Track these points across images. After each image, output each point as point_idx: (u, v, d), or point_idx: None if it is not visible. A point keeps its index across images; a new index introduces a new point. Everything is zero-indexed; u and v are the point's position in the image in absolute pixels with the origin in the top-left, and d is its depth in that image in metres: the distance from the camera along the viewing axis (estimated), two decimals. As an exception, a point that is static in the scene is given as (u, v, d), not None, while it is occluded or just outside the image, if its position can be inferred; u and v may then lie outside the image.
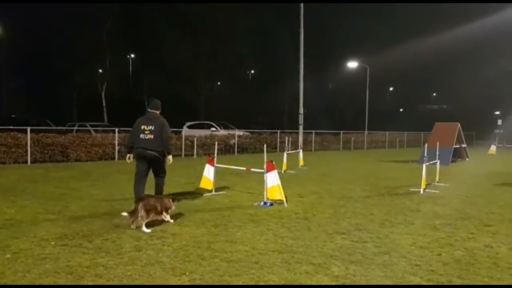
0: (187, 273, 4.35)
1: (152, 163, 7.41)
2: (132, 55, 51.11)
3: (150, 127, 7.36)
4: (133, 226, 6.03)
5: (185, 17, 39.44)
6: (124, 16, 38.11)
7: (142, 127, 7.39)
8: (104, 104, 38.94)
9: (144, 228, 5.95)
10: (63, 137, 16.63)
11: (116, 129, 18.05)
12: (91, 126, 23.33)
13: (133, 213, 6.02)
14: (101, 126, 24.48)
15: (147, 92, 47.34)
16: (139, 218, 6.00)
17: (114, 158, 17.30)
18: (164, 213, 6.39)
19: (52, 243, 5.30)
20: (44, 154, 15.64)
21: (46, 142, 15.75)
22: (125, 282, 4.14)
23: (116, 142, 17.46)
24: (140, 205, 6.03)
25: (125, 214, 6.11)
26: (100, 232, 5.85)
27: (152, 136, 7.31)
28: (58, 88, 40.66)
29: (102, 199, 8.42)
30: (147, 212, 6.05)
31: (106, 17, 36.28)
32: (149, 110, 7.78)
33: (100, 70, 40.42)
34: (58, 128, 21.85)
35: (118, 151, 17.45)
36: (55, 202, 7.95)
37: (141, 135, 7.34)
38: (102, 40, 37.06)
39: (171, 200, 6.60)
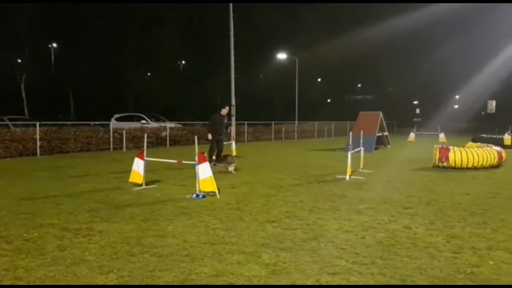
0: (115, 271, 4.23)
1: None
2: (54, 45, 48.28)
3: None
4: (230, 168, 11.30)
5: (110, 7, 37.94)
6: (45, 4, 35.84)
7: None
8: (24, 96, 36.48)
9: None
10: (-22, 132, 15.42)
11: (37, 123, 16.99)
12: (10, 120, 21.80)
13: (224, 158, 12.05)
14: (20, 120, 22.95)
15: (71, 83, 45.08)
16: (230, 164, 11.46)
17: (35, 154, 16.31)
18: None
19: (-35, 247, 4.93)
20: (-45, 151, 14.41)
21: (-43, 139, 14.54)
22: (47, 283, 3.95)
23: (38, 137, 16.45)
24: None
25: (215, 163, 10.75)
26: (20, 233, 5.52)
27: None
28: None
29: (22, 197, 7.93)
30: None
31: (23, 4, 33.89)
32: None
33: (19, 60, 37.81)
34: (-28, 123, 20.21)
35: (40, 146, 16.48)
36: (-32, 203, 7.37)
37: None
38: (19, 28, 34.63)
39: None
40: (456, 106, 68.73)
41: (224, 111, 13.48)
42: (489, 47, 45.17)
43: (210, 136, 13.19)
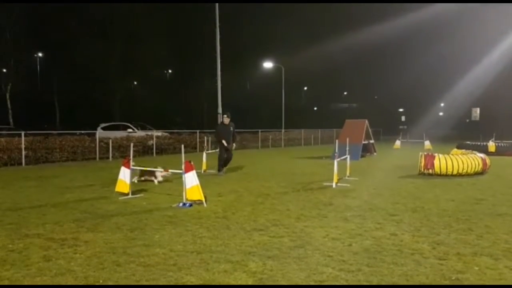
0: (101, 281, 4.20)
1: None
2: (40, 54, 47.89)
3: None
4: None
5: (95, 16, 37.86)
6: (31, 14, 35.60)
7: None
8: (9, 105, 36.10)
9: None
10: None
11: (23, 132, 16.82)
12: (-6, 129, 21.56)
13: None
14: (5, 130, 22.67)
15: (57, 93, 44.74)
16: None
17: (21, 164, 16.10)
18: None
19: None
20: None
21: None
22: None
23: (23, 146, 16.25)
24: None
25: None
26: (5, 243, 5.44)
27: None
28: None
29: (7, 208, 7.81)
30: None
31: (8, 14, 33.63)
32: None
33: (4, 70, 37.46)
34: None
35: (26, 156, 16.28)
36: (-50, 214, 7.24)
37: None
38: (5, 38, 34.36)
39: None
40: (441, 114, 69.63)
41: (226, 120, 13.55)
42: (472, 54, 45.87)
43: (224, 143, 13.38)
